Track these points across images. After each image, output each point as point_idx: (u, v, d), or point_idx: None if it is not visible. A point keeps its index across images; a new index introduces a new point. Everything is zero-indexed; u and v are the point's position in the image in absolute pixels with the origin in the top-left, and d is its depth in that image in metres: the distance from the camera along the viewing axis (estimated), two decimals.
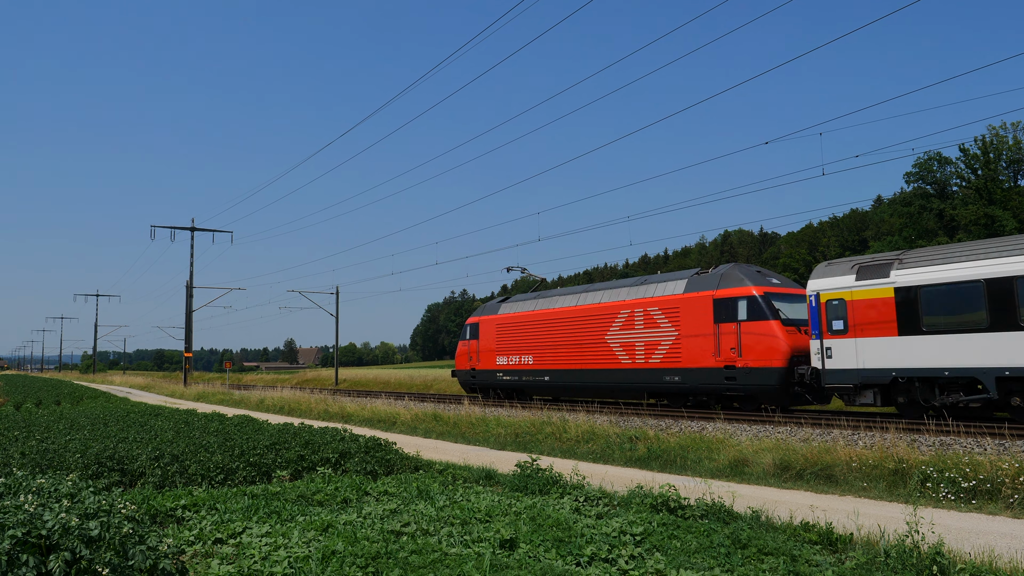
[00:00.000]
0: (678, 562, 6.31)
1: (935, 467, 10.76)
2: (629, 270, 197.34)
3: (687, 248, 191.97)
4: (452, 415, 22.01)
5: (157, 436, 14.03)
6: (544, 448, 16.34)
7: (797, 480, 11.84)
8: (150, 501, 8.49)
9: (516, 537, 6.94)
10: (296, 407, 29.69)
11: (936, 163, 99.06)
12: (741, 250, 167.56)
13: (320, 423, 22.10)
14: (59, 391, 43.88)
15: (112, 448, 11.77)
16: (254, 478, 11.10)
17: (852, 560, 6.54)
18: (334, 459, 11.91)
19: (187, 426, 16.34)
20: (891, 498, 10.38)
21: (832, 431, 16.80)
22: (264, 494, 9.31)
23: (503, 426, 19.18)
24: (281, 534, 7.03)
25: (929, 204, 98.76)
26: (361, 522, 7.65)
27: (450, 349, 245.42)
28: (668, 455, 14.19)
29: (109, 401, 32.38)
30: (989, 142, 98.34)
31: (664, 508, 8.56)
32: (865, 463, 11.52)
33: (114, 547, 5.21)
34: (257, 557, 6.29)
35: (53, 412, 22.27)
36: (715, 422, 20.07)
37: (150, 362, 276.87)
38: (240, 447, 12.24)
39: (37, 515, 5.27)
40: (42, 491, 6.37)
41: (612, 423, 18.57)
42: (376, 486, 9.93)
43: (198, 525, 7.57)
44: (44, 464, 10.45)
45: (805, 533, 7.51)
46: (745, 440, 14.68)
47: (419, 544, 6.65)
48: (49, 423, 17.03)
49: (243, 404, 34.73)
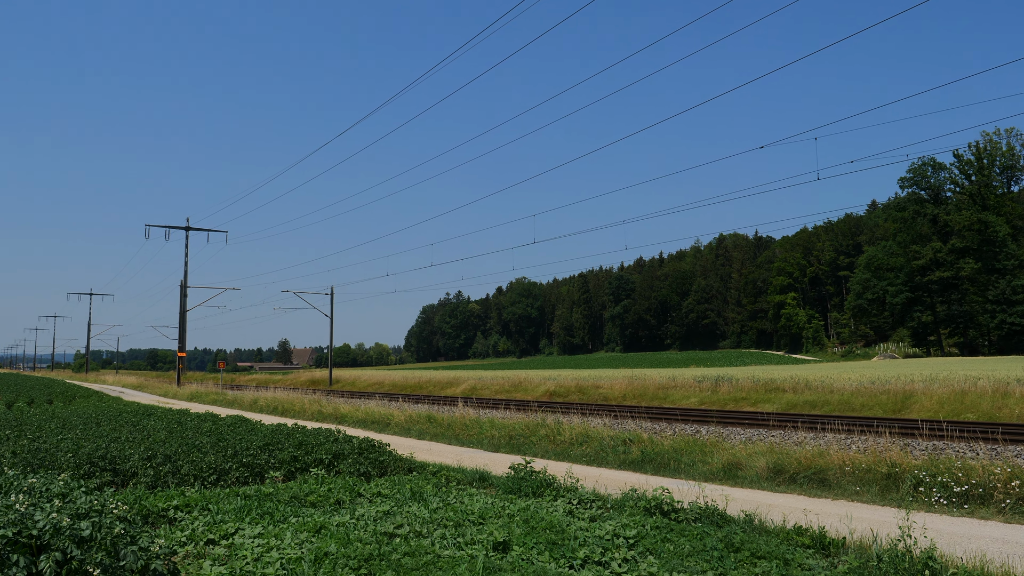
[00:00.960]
0: (671, 565, 6.31)
1: (928, 471, 10.79)
2: (624, 273, 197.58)
3: (682, 251, 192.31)
4: (446, 417, 21.99)
5: (150, 436, 13.99)
6: (538, 450, 16.33)
7: (790, 484, 11.85)
8: (142, 501, 8.45)
9: (509, 540, 6.93)
10: (290, 408, 29.62)
11: (930, 168, 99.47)
12: (736, 254, 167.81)
13: (314, 424, 22.06)
14: (51, 390, 43.70)
15: (104, 448, 11.73)
16: (247, 479, 11.06)
17: (845, 564, 6.55)
18: (327, 460, 11.89)
19: (180, 426, 16.29)
20: (884, 502, 10.41)
21: (826, 435, 16.84)
22: (257, 495, 9.28)
23: (497, 428, 19.17)
24: (274, 535, 7.00)
25: (923, 209, 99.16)
26: (354, 524, 7.63)
27: (444, 351, 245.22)
28: (662, 458, 14.20)
29: (102, 400, 32.27)
30: (983, 148, 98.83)
31: (657, 511, 8.56)
32: (858, 467, 11.54)
33: (105, 547, 5.19)
34: (249, 558, 6.27)
35: (45, 411, 22.18)
36: (709, 425, 20.09)
37: (143, 361, 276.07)
38: (233, 448, 12.20)
39: (28, 515, 5.25)
40: (33, 491, 6.34)
41: (606, 425, 18.58)
42: (369, 487, 9.91)
43: (190, 526, 7.54)
44: (36, 463, 10.40)
45: (798, 537, 7.51)
46: (738, 444, 14.69)
47: (412, 546, 6.63)
48: (41, 422, 16.97)
49: (236, 404, 34.63)
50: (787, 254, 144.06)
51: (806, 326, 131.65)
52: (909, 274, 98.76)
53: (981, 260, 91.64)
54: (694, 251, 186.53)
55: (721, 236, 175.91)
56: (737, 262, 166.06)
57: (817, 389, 29.68)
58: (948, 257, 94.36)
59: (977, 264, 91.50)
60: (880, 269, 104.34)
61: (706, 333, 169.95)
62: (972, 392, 23.97)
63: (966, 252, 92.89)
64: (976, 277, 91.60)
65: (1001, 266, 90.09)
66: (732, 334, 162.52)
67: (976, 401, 22.71)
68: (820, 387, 29.99)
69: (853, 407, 25.02)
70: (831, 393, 28.07)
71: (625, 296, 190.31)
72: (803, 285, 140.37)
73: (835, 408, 25.34)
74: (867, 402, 25.26)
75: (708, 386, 34.11)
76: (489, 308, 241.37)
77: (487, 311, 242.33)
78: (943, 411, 22.19)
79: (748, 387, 32.28)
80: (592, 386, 39.40)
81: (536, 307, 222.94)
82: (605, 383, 40.04)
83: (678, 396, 32.65)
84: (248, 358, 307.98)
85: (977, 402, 22.57)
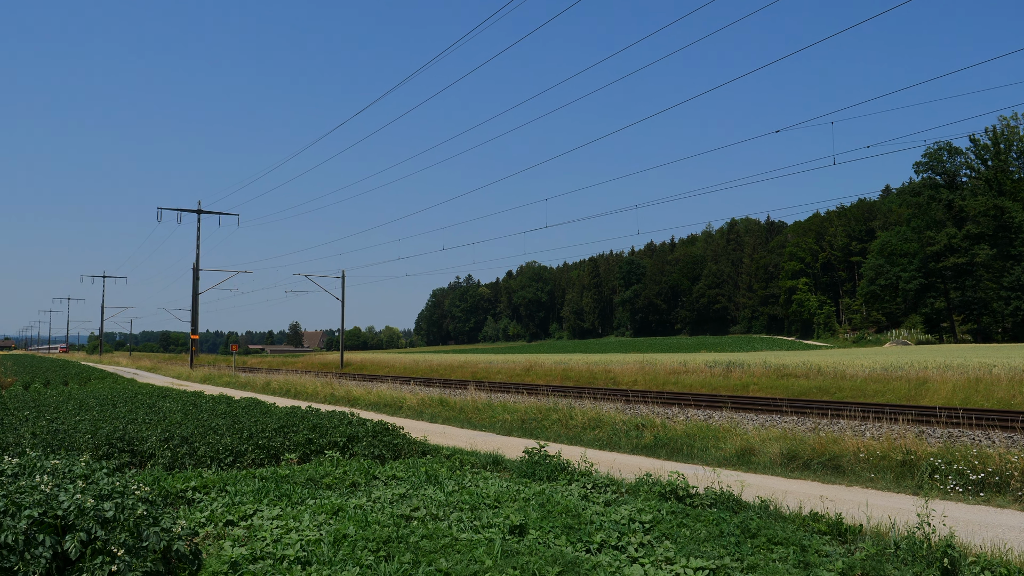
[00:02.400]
0: (688, 550, 6.32)
1: (943, 459, 10.75)
2: (635, 257, 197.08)
3: (693, 236, 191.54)
4: (458, 400, 22.05)
5: (166, 418, 14.10)
6: (550, 434, 16.37)
7: (804, 470, 11.84)
8: (161, 482, 8.53)
9: (526, 523, 6.96)
10: (302, 390, 29.79)
11: (946, 153, 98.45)
12: (747, 239, 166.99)
13: (327, 406, 22.17)
14: (67, 372, 44.08)
15: (122, 429, 11.83)
16: (263, 460, 11.15)
17: (862, 551, 6.54)
18: (342, 443, 11.95)
19: (195, 408, 16.41)
20: (899, 489, 10.38)
21: (839, 421, 16.80)
22: (273, 477, 9.35)
23: (509, 412, 19.21)
24: (292, 517, 7.06)
25: (938, 194, 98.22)
26: (371, 506, 7.68)
27: (454, 334, 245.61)
28: (674, 443, 14.20)
29: (116, 382, 32.53)
30: (1000, 133, 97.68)
31: (672, 496, 8.57)
32: (873, 454, 11.51)
33: (128, 528, 5.24)
34: (269, 540, 6.32)
35: (62, 392, 22.37)
36: (721, 411, 20.07)
37: (156, 344, 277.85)
38: (249, 430, 12.28)
39: (53, 495, 5.30)
40: (56, 472, 6.40)
41: (618, 410, 18.60)
42: (384, 470, 9.97)
43: (209, 507, 7.61)
44: (55, 444, 10.50)
45: (814, 523, 7.51)
46: (751, 429, 14.68)
47: (430, 529, 6.67)
48: (58, 403, 17.12)
49: (249, 387, 34.86)
50: (799, 239, 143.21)
51: (818, 312, 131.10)
52: (923, 260, 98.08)
53: (996, 246, 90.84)
54: (705, 236, 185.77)
55: (733, 221, 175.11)
56: (749, 247, 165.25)
57: (829, 375, 29.61)
58: (963, 243, 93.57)
59: (992, 250, 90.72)
60: (893, 255, 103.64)
61: (717, 318, 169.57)
62: (986, 379, 23.86)
63: (981, 238, 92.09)
64: (991, 263, 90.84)
65: (1017, 252, 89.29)
66: (743, 319, 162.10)
67: (991, 388, 22.60)
68: (832, 373, 29.92)
69: (866, 393, 24.95)
70: (844, 379, 28.00)
71: (636, 280, 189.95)
72: (815, 270, 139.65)
73: (848, 394, 25.27)
74: (881, 389, 25.17)
75: (720, 371, 34.08)
76: (499, 292, 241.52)
77: (497, 295, 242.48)
78: (957, 398, 22.09)
79: (760, 373, 32.24)
80: (603, 371, 39.43)
81: (546, 291, 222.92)
82: (616, 368, 40.07)
83: (689, 381, 32.63)
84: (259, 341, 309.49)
85: (992, 389, 22.46)
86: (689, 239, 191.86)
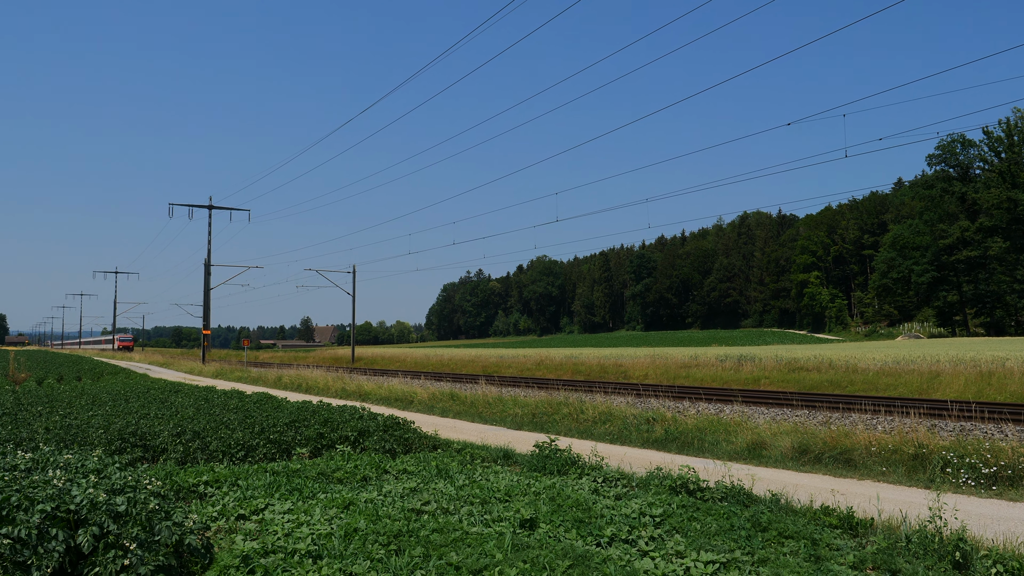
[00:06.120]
0: (698, 544, 6.31)
1: (955, 453, 10.69)
2: (646, 251, 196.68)
3: (704, 230, 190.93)
4: (469, 394, 22.08)
5: (178, 413, 14.18)
6: (561, 429, 16.37)
7: (815, 464, 11.80)
8: (173, 477, 8.58)
9: (536, 517, 6.97)
10: (314, 385, 29.90)
11: (959, 145, 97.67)
12: (759, 232, 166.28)
13: (338, 401, 22.25)
14: (80, 367, 44.42)
15: (134, 424, 11.92)
16: (274, 455, 11.20)
17: (873, 545, 6.52)
18: (353, 437, 11.99)
19: (207, 403, 16.50)
20: (911, 483, 10.33)
21: (851, 415, 16.73)
22: (285, 471, 9.39)
23: (520, 406, 19.22)
24: (303, 511, 7.09)
25: (951, 187, 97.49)
26: (382, 500, 7.70)
27: (465, 329, 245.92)
28: (685, 437, 14.18)
29: (129, 377, 32.75)
30: (1013, 125, 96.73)
31: (683, 490, 8.56)
32: (884, 448, 11.46)
33: (141, 522, 5.28)
34: (280, 534, 6.35)
35: (75, 388, 22.54)
36: (732, 404, 20.02)
37: (168, 339, 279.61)
38: (260, 424, 12.34)
39: (65, 490, 5.35)
40: (69, 466, 6.45)
41: (629, 404, 18.57)
42: (395, 464, 9.99)
43: (221, 501, 7.64)
44: (68, 439, 10.58)
45: (825, 517, 7.49)
46: (763, 423, 14.64)
47: (440, 523, 6.69)
48: (71, 399, 17.25)
49: (261, 382, 35.02)
50: (811, 232, 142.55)
51: (829, 305, 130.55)
52: (935, 253, 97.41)
53: (1010, 239, 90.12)
54: (716, 229, 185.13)
55: (744, 214, 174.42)
56: (760, 240, 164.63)
57: (841, 369, 29.48)
58: (976, 236, 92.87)
59: (1006, 243, 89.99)
60: (905, 248, 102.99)
61: (728, 312, 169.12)
62: (999, 373, 23.69)
63: (994, 231, 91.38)
64: (1004, 256, 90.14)
65: None
66: (754, 313, 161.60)
67: (1003, 382, 22.45)
68: (844, 367, 29.78)
69: (878, 387, 24.82)
70: (855, 373, 27.87)
71: (646, 274, 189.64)
72: (827, 264, 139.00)
73: (859, 388, 25.15)
74: (892, 382, 25.05)
75: (730, 365, 33.99)
76: (510, 286, 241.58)
77: (508, 289, 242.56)
78: (970, 392, 21.95)
79: (771, 366, 32.13)
80: (614, 365, 39.39)
81: (557, 285, 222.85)
82: (627, 362, 40.01)
83: (700, 375, 32.56)
84: (271, 335, 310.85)
85: (1005, 383, 22.31)
86: (700, 233, 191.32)
